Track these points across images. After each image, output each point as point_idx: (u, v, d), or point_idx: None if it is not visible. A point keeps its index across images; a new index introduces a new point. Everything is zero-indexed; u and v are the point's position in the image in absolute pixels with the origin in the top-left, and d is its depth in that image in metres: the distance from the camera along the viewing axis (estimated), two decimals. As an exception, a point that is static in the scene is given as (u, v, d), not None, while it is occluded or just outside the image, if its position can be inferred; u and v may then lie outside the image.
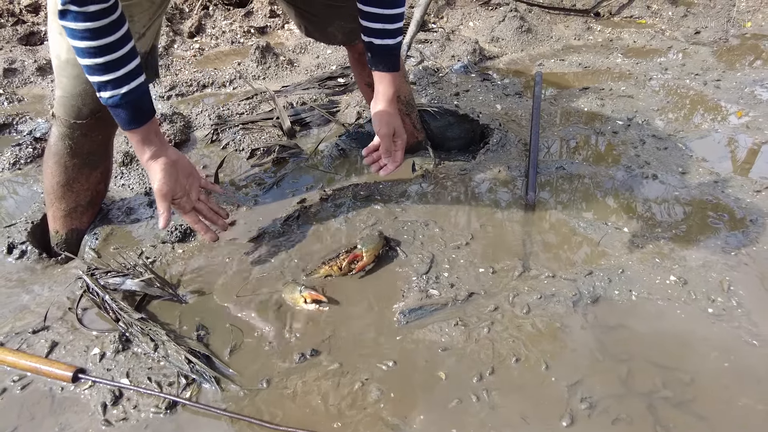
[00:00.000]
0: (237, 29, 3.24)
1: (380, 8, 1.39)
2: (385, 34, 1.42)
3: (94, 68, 1.16)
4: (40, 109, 2.41)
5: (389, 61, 1.46)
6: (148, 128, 1.29)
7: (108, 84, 1.18)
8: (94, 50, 1.13)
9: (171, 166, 1.33)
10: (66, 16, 1.10)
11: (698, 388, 1.18)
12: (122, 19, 1.16)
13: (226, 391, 1.18)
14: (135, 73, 1.22)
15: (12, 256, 1.55)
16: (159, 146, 1.32)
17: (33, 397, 1.17)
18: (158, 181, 1.32)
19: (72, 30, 1.11)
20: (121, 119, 1.25)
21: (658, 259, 1.53)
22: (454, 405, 1.14)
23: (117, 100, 1.20)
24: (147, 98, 1.27)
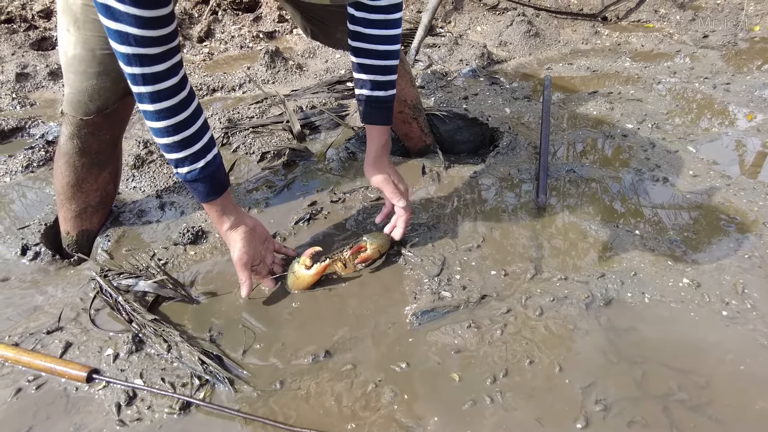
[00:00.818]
0: (246, 34, 3.27)
1: (372, 59, 1.39)
2: (376, 86, 1.42)
3: (172, 146, 1.20)
4: (52, 113, 2.43)
5: (381, 114, 1.46)
6: (225, 198, 1.32)
7: (186, 159, 1.21)
8: (171, 128, 1.17)
9: (250, 235, 1.36)
10: (142, 99, 1.13)
11: (714, 392, 1.17)
12: (192, 95, 1.21)
13: (239, 392, 1.18)
14: (209, 146, 1.25)
15: (26, 258, 1.56)
16: (236, 215, 1.35)
17: (48, 397, 1.17)
18: (238, 250, 1.34)
19: (149, 112, 1.15)
20: (200, 192, 1.28)
21: (670, 262, 1.53)
22: (468, 407, 1.14)
23: (195, 175, 1.23)
24: (222, 170, 1.30)
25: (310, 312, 1.37)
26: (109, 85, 1.38)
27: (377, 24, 1.35)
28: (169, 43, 1.10)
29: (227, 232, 1.35)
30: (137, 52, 1.05)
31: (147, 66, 1.08)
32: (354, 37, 1.38)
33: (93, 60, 1.33)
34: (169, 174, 1.91)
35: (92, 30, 1.29)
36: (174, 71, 1.13)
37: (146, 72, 1.08)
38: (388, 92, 1.45)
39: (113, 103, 1.43)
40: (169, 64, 1.11)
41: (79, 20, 1.29)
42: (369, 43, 1.37)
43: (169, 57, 1.11)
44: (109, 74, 1.37)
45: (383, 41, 1.37)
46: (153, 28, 1.04)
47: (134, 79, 1.09)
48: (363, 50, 1.38)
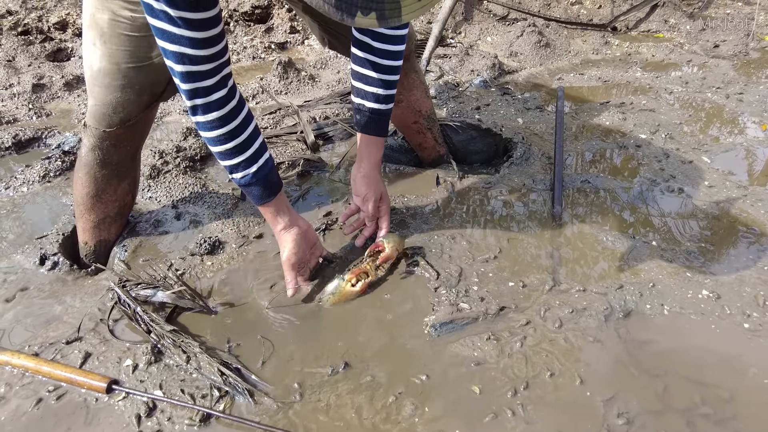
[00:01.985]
0: (258, 45, 3.30)
1: (378, 73, 1.41)
2: (376, 99, 1.45)
3: (225, 153, 1.27)
4: (68, 124, 2.46)
5: (378, 126, 1.49)
6: (279, 200, 1.38)
7: (239, 165, 1.28)
8: (224, 136, 1.24)
9: (301, 237, 1.42)
10: (196, 111, 1.21)
11: (738, 406, 1.16)
12: (242, 102, 1.27)
13: (259, 404, 1.17)
14: (261, 150, 1.31)
15: (44, 267, 1.57)
16: (290, 216, 1.41)
17: (68, 408, 1.17)
18: (288, 251, 1.40)
19: (203, 123, 1.23)
20: (255, 196, 1.35)
21: (688, 273, 1.52)
22: (489, 419, 1.13)
23: (249, 179, 1.30)
24: (275, 172, 1.36)
25: (328, 323, 1.37)
26: (132, 98, 1.40)
27: (385, 38, 1.38)
28: (220, 58, 1.17)
29: (280, 233, 1.41)
30: (191, 69, 1.13)
31: (199, 81, 1.15)
32: (361, 47, 1.41)
33: (118, 73, 1.35)
34: (185, 184, 1.92)
35: (118, 44, 1.31)
36: (223, 83, 1.20)
37: (199, 86, 1.16)
38: (388, 105, 1.47)
39: (136, 116, 1.44)
40: (219, 77, 1.18)
41: (106, 35, 1.31)
42: (377, 56, 1.40)
43: (219, 71, 1.18)
44: (133, 87, 1.38)
45: (389, 56, 1.40)
46: (205, 47, 1.12)
47: (188, 93, 1.17)
48: (369, 62, 1.40)
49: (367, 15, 0.84)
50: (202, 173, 2.03)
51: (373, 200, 1.53)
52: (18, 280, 1.54)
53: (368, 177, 1.53)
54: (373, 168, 1.53)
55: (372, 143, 1.51)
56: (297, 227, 1.41)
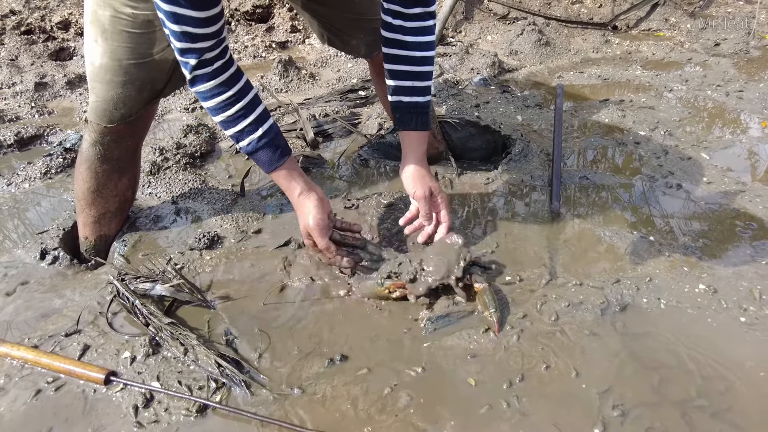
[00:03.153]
0: (259, 44, 3.31)
1: (411, 66, 1.41)
2: (413, 92, 1.43)
3: (228, 121, 1.29)
4: (70, 122, 2.48)
5: (419, 119, 1.45)
6: (290, 166, 1.37)
7: (243, 131, 1.29)
8: (225, 102, 1.26)
9: (321, 203, 1.39)
10: (195, 82, 1.24)
11: (734, 398, 1.16)
12: (240, 70, 1.30)
13: (255, 395, 1.18)
14: (264, 116, 1.32)
15: (45, 262, 1.59)
16: (306, 181, 1.40)
17: (66, 399, 1.18)
18: (314, 217, 1.37)
19: (204, 92, 1.25)
20: (263, 162, 1.34)
21: (686, 268, 1.52)
22: (485, 411, 1.13)
23: (255, 144, 1.31)
24: (281, 137, 1.36)
25: (325, 316, 1.38)
26: (133, 93, 1.41)
27: (414, 31, 1.38)
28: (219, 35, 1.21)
29: (299, 199, 1.38)
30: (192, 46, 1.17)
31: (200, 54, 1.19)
32: (391, 44, 1.40)
33: (119, 69, 1.37)
34: (185, 180, 1.93)
35: (119, 41, 1.33)
36: (223, 54, 1.24)
37: (201, 59, 1.19)
38: (425, 98, 1.45)
39: (137, 111, 1.46)
40: (219, 49, 1.22)
41: (107, 31, 1.32)
42: (407, 50, 1.39)
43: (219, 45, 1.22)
44: (134, 83, 1.40)
45: (421, 48, 1.40)
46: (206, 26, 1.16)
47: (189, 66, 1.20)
48: (401, 57, 1.40)
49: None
50: (201, 170, 2.04)
51: (423, 197, 1.43)
52: (19, 274, 1.55)
53: (414, 174, 1.44)
54: (418, 164, 1.45)
55: (413, 139, 1.46)
56: (315, 192, 1.39)
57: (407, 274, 1.36)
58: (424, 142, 1.47)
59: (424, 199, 1.43)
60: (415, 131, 1.46)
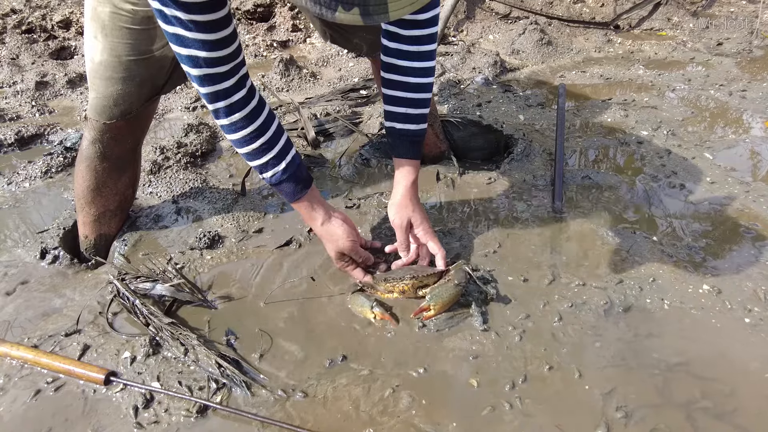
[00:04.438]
0: (260, 43, 3.30)
1: (405, 92, 1.38)
2: (407, 119, 1.40)
3: (253, 153, 1.27)
4: (70, 121, 2.47)
5: (409, 148, 1.43)
6: (312, 195, 1.37)
7: (268, 163, 1.28)
8: (249, 136, 1.24)
9: (346, 222, 1.41)
10: (219, 115, 1.21)
11: (739, 400, 1.15)
12: (263, 102, 1.28)
13: (256, 396, 1.17)
14: (288, 146, 1.32)
15: (45, 261, 1.58)
16: (326, 208, 1.40)
17: (66, 399, 1.18)
18: (345, 238, 1.38)
19: (227, 126, 1.23)
20: (287, 193, 1.35)
21: (689, 268, 1.51)
22: (487, 412, 1.12)
23: (280, 176, 1.30)
24: (303, 168, 1.36)
25: (326, 317, 1.37)
26: (133, 90, 1.40)
27: (411, 56, 1.34)
28: (234, 59, 1.16)
29: (323, 227, 1.39)
30: (207, 72, 1.13)
31: (218, 83, 1.16)
32: (387, 68, 1.38)
33: (119, 66, 1.36)
34: (186, 180, 1.92)
35: (119, 37, 1.32)
36: (242, 84, 1.20)
37: (218, 89, 1.16)
38: (419, 126, 1.41)
39: (137, 108, 1.45)
40: (236, 78, 1.18)
41: (107, 27, 1.31)
42: (402, 75, 1.36)
43: (236, 72, 1.18)
44: (134, 80, 1.39)
45: (416, 74, 1.36)
46: (218, 48, 1.12)
47: (208, 97, 1.17)
48: (395, 82, 1.37)
49: (349, 10, 0.81)
50: (202, 169, 2.03)
51: (399, 227, 1.43)
52: (19, 274, 1.55)
53: (398, 203, 1.43)
54: (403, 194, 1.43)
55: (403, 167, 1.44)
56: (335, 217, 1.40)
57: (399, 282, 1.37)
58: (415, 170, 1.45)
59: (400, 228, 1.44)
60: (405, 159, 1.44)
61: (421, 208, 1.46)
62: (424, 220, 1.45)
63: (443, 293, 1.32)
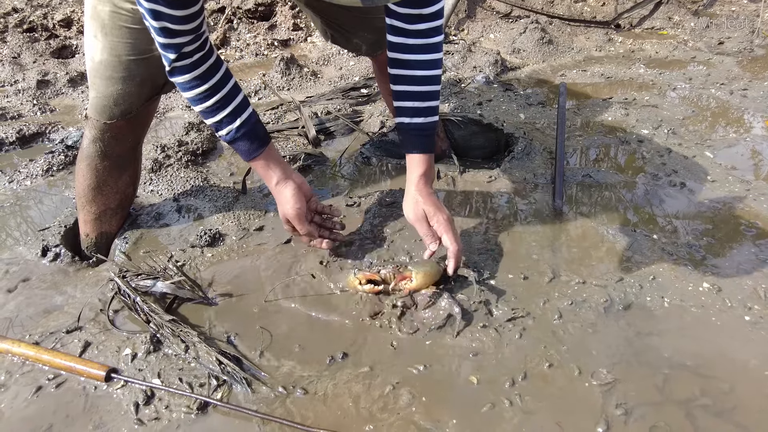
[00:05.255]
0: (261, 42, 3.31)
1: (412, 86, 1.37)
2: (416, 113, 1.38)
3: (207, 111, 1.31)
4: (71, 119, 2.47)
5: (420, 141, 1.41)
6: (268, 154, 1.38)
7: (223, 121, 1.31)
8: (204, 93, 1.28)
9: (298, 190, 1.41)
10: (174, 73, 1.26)
11: (738, 397, 1.15)
12: (220, 61, 1.31)
13: (256, 393, 1.18)
14: (242, 107, 1.33)
15: (46, 259, 1.58)
16: (283, 170, 1.41)
17: (67, 396, 1.18)
18: (291, 206, 1.39)
19: (183, 83, 1.27)
20: (243, 151, 1.37)
21: (689, 266, 1.51)
22: (487, 409, 1.13)
23: (234, 134, 1.33)
24: (259, 127, 1.37)
25: (326, 313, 1.37)
26: (133, 90, 1.41)
27: (416, 49, 1.34)
28: (198, 30, 1.21)
29: (276, 187, 1.41)
30: (171, 42, 1.19)
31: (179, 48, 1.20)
32: (393, 64, 1.37)
33: (119, 65, 1.36)
34: (187, 178, 1.92)
35: (119, 36, 1.32)
36: (202, 46, 1.25)
37: (180, 52, 1.21)
38: (428, 119, 1.40)
39: (137, 108, 1.45)
40: (198, 43, 1.23)
41: (107, 26, 1.31)
42: (408, 69, 1.35)
43: (198, 39, 1.23)
44: (134, 79, 1.39)
45: (423, 66, 1.35)
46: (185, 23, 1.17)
47: (167, 58, 1.22)
48: (402, 77, 1.37)
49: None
50: (203, 167, 2.04)
51: (416, 220, 1.41)
52: (20, 271, 1.55)
53: (409, 198, 1.42)
54: (415, 189, 1.41)
55: (414, 162, 1.42)
56: (292, 181, 1.41)
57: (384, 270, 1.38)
58: (426, 164, 1.41)
59: (417, 221, 1.41)
60: (417, 153, 1.42)
61: (434, 199, 1.41)
62: (438, 211, 1.39)
63: (426, 265, 1.36)
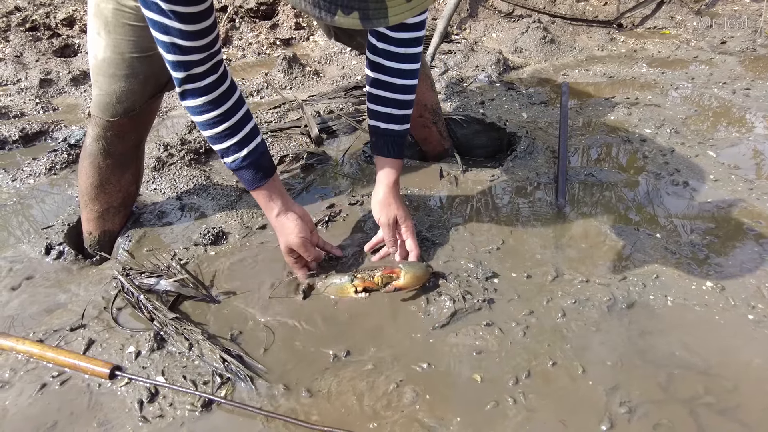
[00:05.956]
0: (263, 41, 3.31)
1: (390, 93, 1.40)
2: (391, 120, 1.42)
3: (215, 137, 1.28)
4: (74, 118, 2.48)
5: (393, 147, 1.45)
6: (271, 186, 1.37)
7: (230, 149, 1.29)
8: (214, 120, 1.25)
9: (301, 219, 1.40)
10: (185, 96, 1.23)
11: (742, 396, 1.15)
12: (234, 86, 1.28)
13: (260, 390, 1.18)
14: (251, 136, 1.31)
15: (50, 257, 1.59)
16: (284, 202, 1.39)
17: (71, 393, 1.18)
18: (296, 234, 1.38)
19: (194, 107, 1.24)
20: (247, 180, 1.35)
21: (693, 265, 1.51)
22: (491, 407, 1.13)
23: (239, 163, 1.31)
24: (267, 158, 1.36)
25: (330, 311, 1.37)
26: (136, 87, 1.41)
27: (397, 57, 1.36)
28: (210, 48, 1.18)
29: (277, 219, 1.39)
30: (182, 59, 1.15)
31: (190, 68, 1.17)
32: (373, 67, 1.39)
33: (122, 63, 1.36)
34: (190, 176, 1.93)
35: (122, 34, 1.32)
36: (214, 69, 1.22)
37: (190, 73, 1.18)
38: (402, 126, 1.44)
39: (140, 106, 1.45)
40: (210, 64, 1.20)
41: (110, 24, 1.32)
42: (388, 75, 1.38)
43: (210, 59, 1.20)
44: (137, 77, 1.39)
45: (402, 75, 1.38)
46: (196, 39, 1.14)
47: (178, 80, 1.19)
48: (381, 82, 1.39)
49: (348, 14, 0.82)
50: (206, 166, 2.04)
51: (387, 225, 1.46)
52: (24, 269, 1.55)
53: (381, 201, 1.46)
54: (387, 192, 1.46)
55: (386, 165, 1.46)
56: (292, 211, 1.40)
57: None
58: (397, 169, 1.47)
59: (388, 226, 1.46)
60: (388, 158, 1.46)
61: (404, 206, 1.49)
62: (408, 217, 1.48)
63: (416, 267, 1.39)
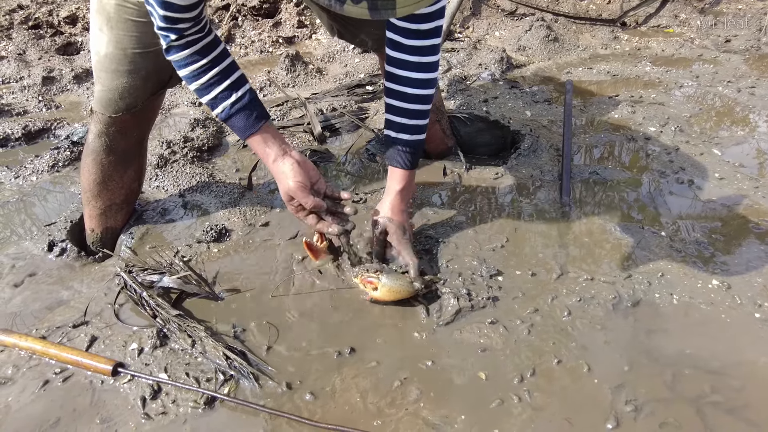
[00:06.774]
0: (266, 39, 3.30)
1: (402, 102, 1.38)
2: (403, 129, 1.40)
3: (202, 88, 1.26)
4: (77, 116, 2.47)
5: (403, 157, 1.42)
6: (265, 131, 1.31)
7: (217, 98, 1.27)
8: (199, 70, 1.24)
9: (299, 164, 1.32)
10: (170, 51, 1.23)
11: (749, 395, 1.14)
12: (217, 40, 1.27)
13: (264, 388, 1.17)
14: (239, 83, 1.29)
15: (53, 254, 1.58)
16: (281, 147, 1.33)
17: (74, 390, 1.18)
18: (292, 178, 1.30)
19: (178, 60, 1.24)
20: (238, 128, 1.30)
21: (698, 263, 1.50)
22: (496, 405, 1.12)
23: (228, 111, 1.28)
24: (257, 104, 1.31)
25: (333, 308, 1.37)
26: (138, 83, 1.40)
27: (411, 66, 1.34)
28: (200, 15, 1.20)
29: (274, 164, 1.32)
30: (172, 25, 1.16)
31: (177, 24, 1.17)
32: (388, 78, 1.38)
33: (124, 59, 1.36)
34: (192, 174, 1.92)
35: (124, 29, 1.32)
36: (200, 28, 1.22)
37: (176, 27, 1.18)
38: (414, 137, 1.41)
39: (142, 102, 1.45)
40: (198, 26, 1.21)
41: (112, 20, 1.31)
42: (401, 85, 1.36)
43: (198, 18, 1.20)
44: (139, 73, 1.39)
45: (414, 84, 1.35)
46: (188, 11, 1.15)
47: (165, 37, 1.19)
48: (394, 92, 1.37)
49: (357, 4, 0.82)
50: (209, 163, 2.03)
51: (375, 232, 1.45)
52: (26, 266, 1.55)
53: (381, 210, 1.47)
54: (390, 202, 1.45)
55: (395, 174, 1.44)
56: (290, 156, 1.32)
57: None
58: (406, 180, 1.44)
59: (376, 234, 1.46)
60: (398, 168, 1.44)
61: (404, 217, 1.46)
62: (399, 232, 1.44)
63: (397, 280, 1.33)
